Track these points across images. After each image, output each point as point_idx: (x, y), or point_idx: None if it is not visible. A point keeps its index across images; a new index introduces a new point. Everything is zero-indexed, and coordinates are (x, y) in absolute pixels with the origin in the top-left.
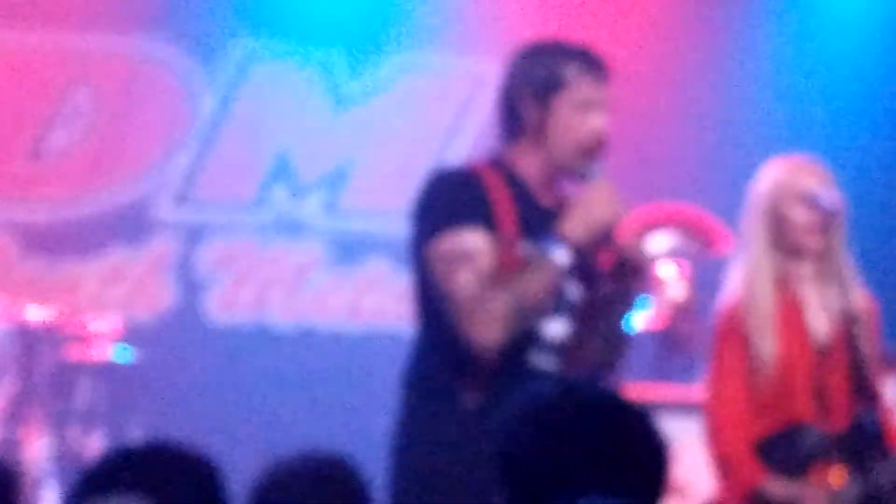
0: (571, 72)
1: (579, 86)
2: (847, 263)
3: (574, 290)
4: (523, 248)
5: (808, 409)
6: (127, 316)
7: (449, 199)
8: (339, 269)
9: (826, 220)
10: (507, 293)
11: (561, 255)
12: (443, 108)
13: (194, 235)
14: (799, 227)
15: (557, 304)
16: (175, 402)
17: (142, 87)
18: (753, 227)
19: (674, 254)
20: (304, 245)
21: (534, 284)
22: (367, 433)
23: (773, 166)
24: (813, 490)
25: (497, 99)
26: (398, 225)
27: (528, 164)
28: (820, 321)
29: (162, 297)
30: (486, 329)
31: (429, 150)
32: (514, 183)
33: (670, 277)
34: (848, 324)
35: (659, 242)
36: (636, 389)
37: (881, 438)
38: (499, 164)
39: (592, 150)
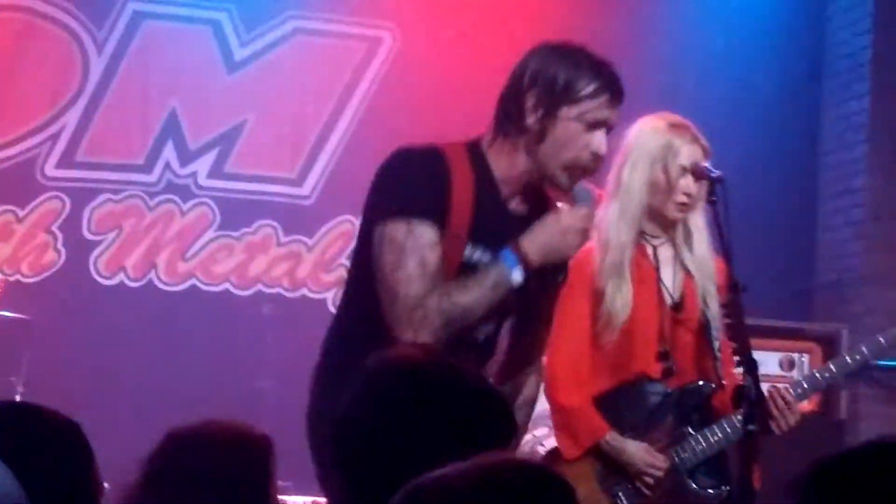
0: (590, 88)
1: (593, 104)
2: (702, 226)
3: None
4: (471, 250)
5: (653, 366)
6: (13, 274)
7: (411, 185)
8: (226, 232)
9: (700, 170)
10: (455, 301)
11: (518, 276)
12: (336, 72)
13: (82, 195)
14: (685, 199)
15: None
16: (58, 361)
17: (31, 43)
18: (633, 184)
19: None
20: (192, 207)
21: (484, 299)
22: (252, 395)
23: (659, 127)
24: (645, 450)
25: (504, 87)
26: (287, 189)
27: (511, 164)
28: (672, 280)
29: (48, 256)
30: (423, 330)
31: (321, 113)
32: (485, 178)
33: None
34: (699, 286)
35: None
36: None
37: (753, 400)
38: (476, 153)
39: (585, 170)
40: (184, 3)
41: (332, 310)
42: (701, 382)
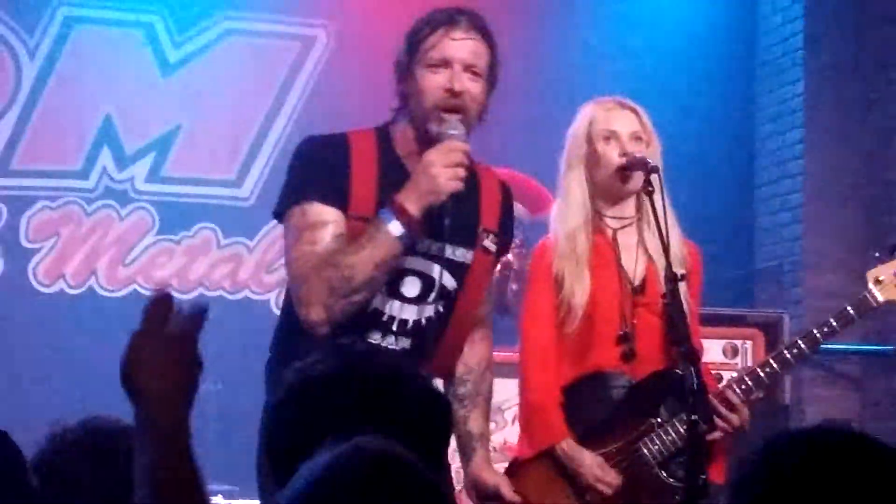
0: (423, 32)
1: (428, 44)
2: (667, 210)
3: (447, 278)
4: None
5: (612, 351)
6: None
7: (305, 170)
8: (166, 236)
9: (634, 161)
10: (335, 263)
11: (395, 228)
12: (271, 72)
13: (19, 203)
14: (607, 163)
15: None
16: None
17: None
18: (567, 167)
19: None
20: (130, 212)
21: (366, 258)
22: (196, 398)
23: (586, 107)
24: (599, 466)
25: None
26: (226, 191)
27: (404, 136)
28: (634, 264)
29: None
30: (312, 305)
31: (257, 114)
32: (390, 159)
33: None
34: (668, 270)
35: None
36: None
37: (693, 391)
38: (382, 135)
39: (446, 109)
40: (115, 7)
41: (276, 311)
42: (667, 370)
